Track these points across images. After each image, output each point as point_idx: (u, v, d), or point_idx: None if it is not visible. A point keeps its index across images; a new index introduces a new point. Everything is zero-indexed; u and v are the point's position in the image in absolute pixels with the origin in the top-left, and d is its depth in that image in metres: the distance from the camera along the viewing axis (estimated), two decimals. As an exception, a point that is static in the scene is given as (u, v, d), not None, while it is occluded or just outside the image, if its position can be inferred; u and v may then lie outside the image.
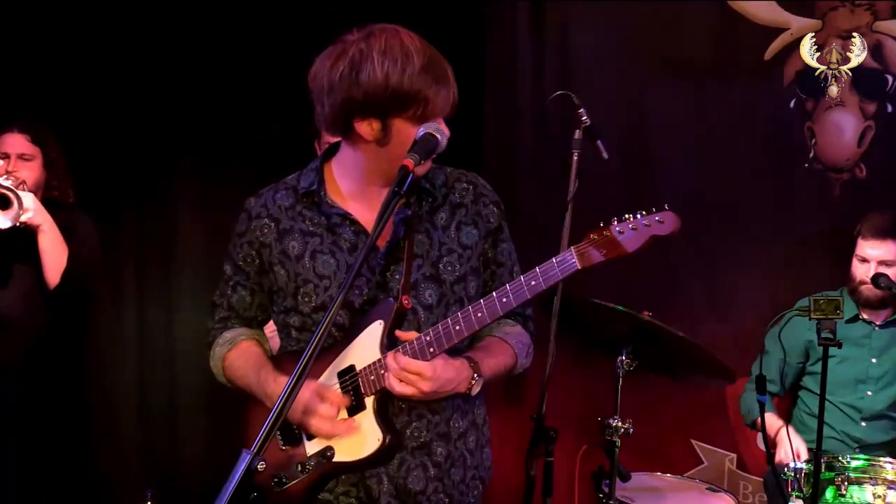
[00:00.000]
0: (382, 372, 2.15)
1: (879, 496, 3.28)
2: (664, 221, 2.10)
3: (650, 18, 4.45)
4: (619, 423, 3.08)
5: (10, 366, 3.63)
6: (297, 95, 4.76)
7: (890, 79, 4.30)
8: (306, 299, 2.27)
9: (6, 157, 3.58)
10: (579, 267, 2.10)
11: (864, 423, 3.83)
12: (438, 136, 2.12)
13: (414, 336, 2.16)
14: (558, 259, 2.11)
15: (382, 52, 2.10)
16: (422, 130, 2.12)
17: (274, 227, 2.31)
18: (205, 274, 4.48)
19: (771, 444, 3.61)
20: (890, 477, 3.31)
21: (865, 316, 3.86)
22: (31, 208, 3.40)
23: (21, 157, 3.60)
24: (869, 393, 3.84)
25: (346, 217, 2.27)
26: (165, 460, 4.63)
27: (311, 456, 2.22)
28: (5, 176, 3.42)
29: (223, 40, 4.48)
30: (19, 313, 3.59)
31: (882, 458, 3.37)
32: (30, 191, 3.46)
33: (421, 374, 2.11)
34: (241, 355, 2.37)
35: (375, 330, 2.19)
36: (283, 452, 2.26)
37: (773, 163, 4.41)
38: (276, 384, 2.19)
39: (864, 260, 3.78)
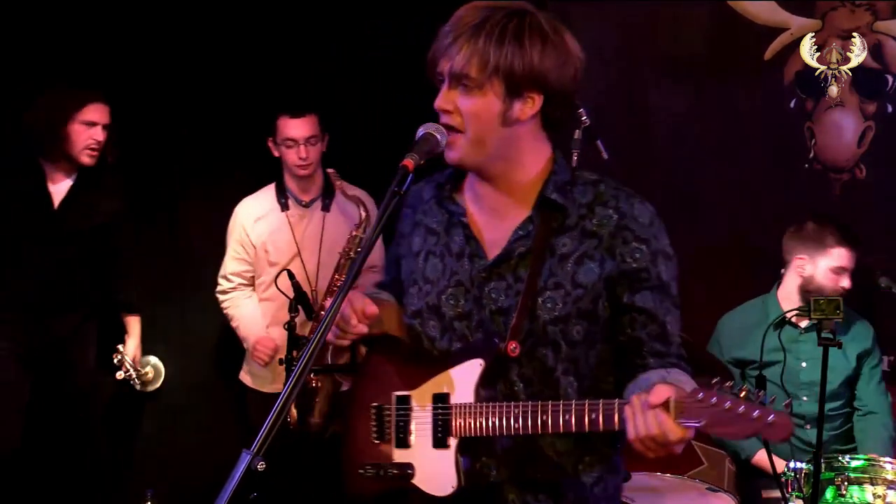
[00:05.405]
0: (476, 422, 1.97)
1: (879, 496, 3.27)
2: (774, 424, 1.77)
3: (650, 18, 4.46)
4: (619, 424, 3.06)
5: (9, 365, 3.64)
6: (298, 95, 4.77)
7: (890, 79, 4.30)
8: (409, 301, 2.13)
9: (93, 124, 3.90)
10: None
11: (808, 427, 3.74)
12: (438, 136, 2.04)
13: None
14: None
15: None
16: (422, 130, 2.06)
17: (411, 215, 2.19)
18: (206, 273, 4.48)
19: None
20: (890, 477, 3.30)
21: (791, 318, 3.80)
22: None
23: (104, 126, 3.95)
24: (805, 398, 3.75)
25: (460, 218, 2.11)
26: (165, 460, 4.63)
27: (392, 464, 2.09)
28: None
29: (224, 40, 4.48)
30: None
31: (882, 458, 3.37)
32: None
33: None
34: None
35: (473, 369, 2.01)
36: (374, 445, 2.14)
37: (772, 163, 4.40)
38: None
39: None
